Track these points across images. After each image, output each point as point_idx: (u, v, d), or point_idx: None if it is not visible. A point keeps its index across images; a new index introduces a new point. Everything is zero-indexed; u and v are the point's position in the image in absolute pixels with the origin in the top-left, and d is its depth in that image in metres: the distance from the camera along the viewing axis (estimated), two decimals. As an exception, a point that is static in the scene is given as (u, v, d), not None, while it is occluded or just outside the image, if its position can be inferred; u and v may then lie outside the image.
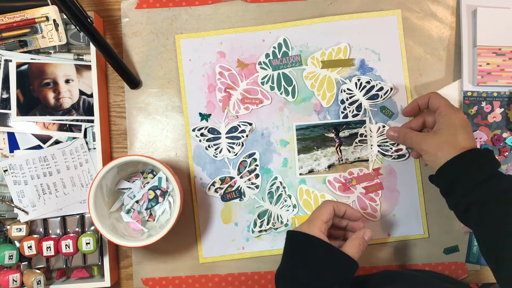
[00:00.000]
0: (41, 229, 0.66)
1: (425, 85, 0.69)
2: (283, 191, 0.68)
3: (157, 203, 0.65)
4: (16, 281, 0.62)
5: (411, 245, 0.69)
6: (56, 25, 0.66)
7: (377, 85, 0.68)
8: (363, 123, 0.69)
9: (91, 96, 0.67)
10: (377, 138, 0.69)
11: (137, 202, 0.65)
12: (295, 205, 0.68)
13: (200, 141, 0.68)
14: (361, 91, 0.69)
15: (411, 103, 0.65)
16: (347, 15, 0.69)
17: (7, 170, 0.66)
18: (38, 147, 0.67)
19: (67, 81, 0.67)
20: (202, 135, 0.68)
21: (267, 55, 0.69)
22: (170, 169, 0.61)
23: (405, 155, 0.69)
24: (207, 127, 0.68)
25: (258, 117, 0.69)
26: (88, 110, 0.67)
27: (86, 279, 0.67)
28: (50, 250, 0.62)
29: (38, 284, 0.63)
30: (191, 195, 0.69)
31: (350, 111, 0.69)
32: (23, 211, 0.66)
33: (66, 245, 0.62)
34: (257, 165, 0.68)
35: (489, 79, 0.67)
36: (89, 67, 0.67)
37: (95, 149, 0.68)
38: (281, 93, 0.69)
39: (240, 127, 0.68)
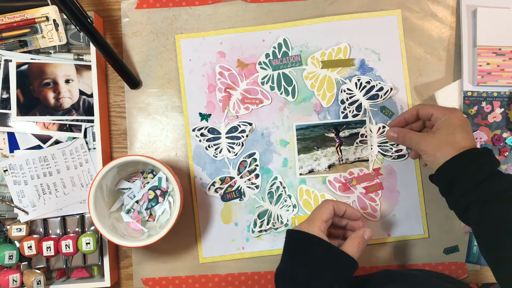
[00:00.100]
0: (41, 229, 0.66)
1: (425, 85, 0.69)
2: (283, 191, 0.68)
3: (157, 203, 0.65)
4: (16, 281, 0.62)
5: (411, 245, 0.69)
6: (56, 25, 0.66)
7: (377, 85, 0.68)
8: (363, 123, 0.69)
9: (91, 96, 0.67)
10: (377, 138, 0.69)
11: (137, 202, 0.65)
12: (295, 205, 0.68)
13: (200, 141, 0.68)
14: (361, 91, 0.69)
15: (397, 118, 0.64)
16: (347, 15, 0.69)
17: (7, 170, 0.66)
18: (38, 147, 0.67)
19: (67, 81, 0.67)
20: (202, 135, 0.68)
21: (267, 55, 0.69)
22: (170, 169, 0.61)
23: (405, 155, 0.69)
24: (207, 127, 0.68)
25: (258, 117, 0.69)
26: (88, 110, 0.67)
27: (86, 279, 0.67)
28: (50, 250, 0.62)
29: (38, 284, 0.63)
30: (191, 195, 0.69)
31: (350, 111, 0.69)
32: (23, 211, 0.66)
33: (66, 245, 0.62)
34: (257, 165, 0.68)
35: (489, 79, 0.67)
36: (89, 67, 0.67)
37: (95, 149, 0.68)
38: (281, 93, 0.69)
39: (240, 127, 0.68)
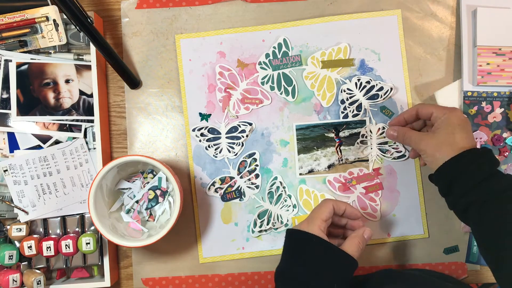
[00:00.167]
0: (41, 229, 0.66)
1: (425, 85, 0.69)
2: (283, 191, 0.68)
3: (157, 203, 0.65)
4: (16, 281, 0.62)
5: (411, 245, 0.69)
6: (56, 25, 0.66)
7: (377, 85, 0.68)
8: (363, 123, 0.69)
9: (91, 96, 0.67)
10: (377, 138, 0.69)
11: (137, 202, 0.65)
12: (295, 205, 0.68)
13: (200, 141, 0.68)
14: (361, 91, 0.69)
15: (397, 117, 0.64)
16: (347, 15, 0.69)
17: (7, 170, 0.66)
18: (38, 147, 0.67)
19: (67, 81, 0.67)
20: (202, 135, 0.68)
21: (267, 55, 0.69)
22: (170, 169, 0.61)
23: (405, 155, 0.68)
24: (207, 127, 0.68)
25: (258, 117, 0.69)
26: (88, 110, 0.67)
27: (86, 279, 0.67)
28: (50, 250, 0.62)
29: (38, 284, 0.63)
30: (191, 195, 0.69)
31: (350, 111, 0.69)
32: (23, 211, 0.66)
33: (66, 245, 0.62)
34: (257, 165, 0.68)
35: (489, 79, 0.67)
36: (89, 67, 0.67)
37: (95, 149, 0.68)
38: (281, 93, 0.69)
39: (240, 127, 0.68)
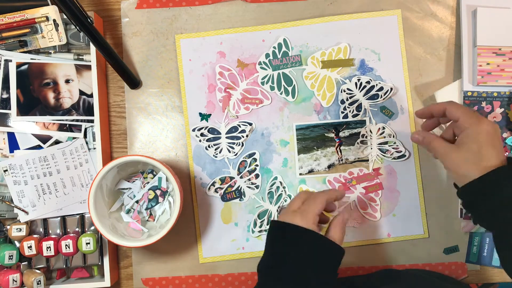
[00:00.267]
0: (41, 229, 0.66)
1: (425, 85, 0.69)
2: (283, 191, 0.68)
3: (157, 203, 0.65)
4: (16, 281, 0.62)
5: (411, 245, 0.69)
6: (56, 25, 0.66)
7: (377, 85, 0.68)
8: (363, 123, 0.69)
9: (91, 96, 0.67)
10: (377, 138, 0.69)
11: (137, 202, 0.65)
12: (295, 205, 0.68)
13: (200, 141, 0.68)
14: (361, 91, 0.69)
15: (425, 108, 0.60)
16: (347, 15, 0.69)
17: (7, 170, 0.66)
18: (38, 147, 0.67)
19: (67, 81, 0.67)
20: (202, 135, 0.68)
21: (267, 55, 0.69)
22: (170, 169, 0.61)
23: (405, 155, 0.68)
24: (207, 127, 0.68)
25: (258, 117, 0.69)
26: (88, 110, 0.67)
27: (86, 279, 0.67)
28: (50, 250, 0.62)
29: (38, 284, 0.63)
30: (191, 195, 0.69)
31: (350, 111, 0.69)
32: (23, 211, 0.66)
33: (66, 245, 0.62)
34: (257, 165, 0.68)
35: (489, 79, 0.67)
36: (89, 67, 0.67)
37: (95, 149, 0.68)
38: (281, 93, 0.69)
39: (240, 127, 0.68)
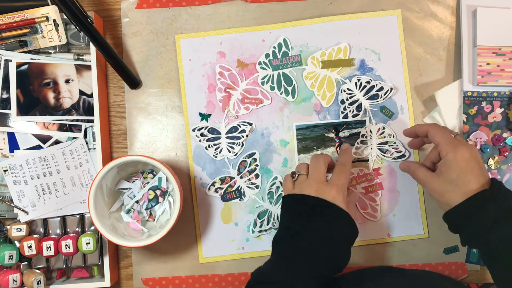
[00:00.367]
0: (41, 229, 0.66)
1: (425, 85, 0.69)
2: (283, 191, 0.68)
3: (157, 203, 0.65)
4: (16, 281, 0.62)
5: (411, 245, 0.69)
6: (56, 25, 0.66)
7: (377, 85, 0.68)
8: (363, 123, 0.69)
9: (91, 96, 0.67)
10: (377, 138, 0.69)
11: (137, 202, 0.65)
12: (295, 205, 0.68)
13: (200, 141, 0.68)
14: (361, 91, 0.69)
15: (411, 127, 0.63)
16: (347, 15, 0.69)
17: (7, 170, 0.66)
18: (38, 147, 0.67)
19: (67, 81, 0.67)
20: (202, 135, 0.68)
21: (267, 55, 0.69)
22: (170, 169, 0.61)
23: (405, 155, 0.68)
24: (207, 127, 0.68)
25: (258, 117, 0.69)
26: (88, 110, 0.67)
27: (86, 279, 0.67)
28: (50, 250, 0.62)
29: (38, 284, 0.63)
30: (191, 195, 0.69)
31: (350, 111, 0.69)
32: (23, 211, 0.66)
33: (66, 245, 0.62)
34: (257, 165, 0.68)
35: (489, 79, 0.67)
36: (89, 67, 0.67)
37: (95, 149, 0.68)
38: (281, 93, 0.69)
39: (240, 127, 0.68)
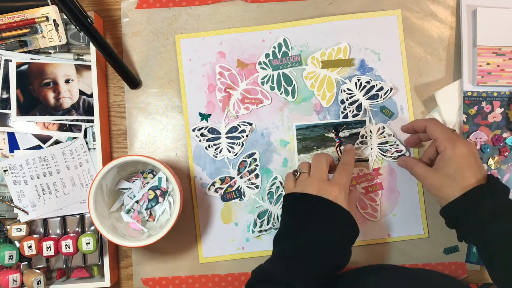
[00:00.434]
0: (41, 229, 0.66)
1: (425, 85, 0.69)
2: (283, 191, 0.68)
3: (157, 203, 0.65)
4: (16, 281, 0.62)
5: (411, 245, 0.69)
6: (56, 25, 0.66)
7: (377, 85, 0.68)
8: (363, 123, 0.69)
9: (91, 96, 0.67)
10: (377, 138, 0.69)
11: (137, 202, 0.65)
12: (295, 205, 0.68)
13: (200, 141, 0.68)
14: (361, 91, 0.69)
15: (409, 123, 0.64)
16: (347, 15, 0.69)
17: (7, 170, 0.66)
18: (38, 147, 0.67)
19: (67, 81, 0.67)
20: (202, 135, 0.68)
21: (267, 55, 0.69)
22: (170, 169, 0.61)
23: (405, 155, 0.68)
24: (207, 127, 0.68)
25: (258, 117, 0.69)
26: (88, 110, 0.67)
27: (86, 279, 0.67)
28: (50, 250, 0.62)
29: (38, 284, 0.63)
30: (191, 195, 0.69)
31: (350, 111, 0.69)
32: (23, 211, 0.66)
33: (66, 245, 0.62)
34: (257, 165, 0.68)
35: (489, 79, 0.67)
36: (89, 67, 0.67)
37: (95, 149, 0.68)
38: (281, 93, 0.69)
39: (240, 127, 0.68)
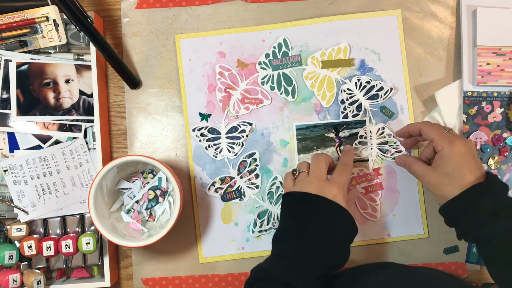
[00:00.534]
0: (41, 229, 0.66)
1: (425, 85, 0.69)
2: (283, 191, 0.68)
3: (157, 203, 0.65)
4: (16, 281, 0.62)
5: (411, 245, 0.69)
6: (56, 25, 0.66)
7: (377, 85, 0.68)
8: (363, 123, 0.69)
9: (91, 96, 0.67)
10: (377, 138, 0.69)
11: (137, 202, 0.65)
12: (295, 205, 0.68)
13: (200, 141, 0.68)
14: (361, 91, 0.69)
15: (403, 128, 0.65)
16: (347, 15, 0.69)
17: (7, 170, 0.66)
18: (38, 147, 0.67)
19: (67, 81, 0.67)
20: (202, 135, 0.68)
21: (267, 55, 0.69)
22: (170, 169, 0.61)
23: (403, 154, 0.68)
24: (207, 127, 0.68)
25: (258, 117, 0.69)
26: (88, 110, 0.67)
27: (86, 279, 0.67)
28: (50, 250, 0.62)
29: (38, 284, 0.63)
30: (191, 195, 0.69)
31: (350, 111, 0.69)
32: (23, 211, 0.66)
33: (66, 245, 0.62)
34: (257, 165, 0.68)
35: (489, 79, 0.67)
36: (89, 67, 0.67)
37: (95, 149, 0.68)
38: (281, 93, 0.69)
39: (240, 127, 0.68)
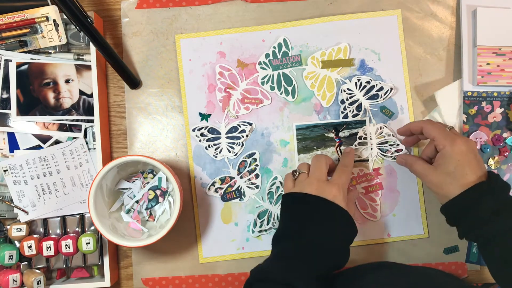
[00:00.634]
0: (41, 229, 0.66)
1: (425, 85, 0.69)
2: (283, 191, 0.68)
3: (157, 203, 0.65)
4: (16, 281, 0.62)
5: (411, 245, 0.69)
6: (56, 25, 0.66)
7: (377, 85, 0.68)
8: (363, 123, 0.69)
9: (91, 96, 0.67)
10: (377, 138, 0.69)
11: (137, 202, 0.65)
12: (295, 205, 0.68)
13: (200, 141, 0.68)
14: (361, 91, 0.69)
15: (404, 126, 0.65)
16: (347, 15, 0.69)
17: (7, 170, 0.66)
18: (38, 147, 0.67)
19: (67, 81, 0.67)
20: (202, 135, 0.68)
21: (267, 55, 0.69)
22: (170, 169, 0.61)
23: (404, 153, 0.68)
24: (207, 127, 0.68)
25: (258, 117, 0.69)
26: (88, 110, 0.67)
27: (86, 279, 0.67)
28: (50, 250, 0.62)
29: (38, 284, 0.63)
30: (191, 195, 0.69)
31: (350, 111, 0.69)
32: (23, 211, 0.66)
33: (66, 245, 0.62)
34: (257, 165, 0.68)
35: (489, 79, 0.67)
36: (89, 67, 0.67)
37: (95, 149, 0.68)
38: (281, 93, 0.69)
39: (240, 127, 0.68)
